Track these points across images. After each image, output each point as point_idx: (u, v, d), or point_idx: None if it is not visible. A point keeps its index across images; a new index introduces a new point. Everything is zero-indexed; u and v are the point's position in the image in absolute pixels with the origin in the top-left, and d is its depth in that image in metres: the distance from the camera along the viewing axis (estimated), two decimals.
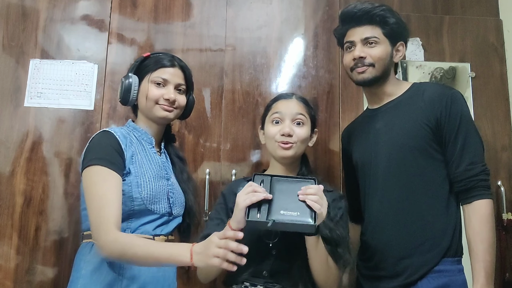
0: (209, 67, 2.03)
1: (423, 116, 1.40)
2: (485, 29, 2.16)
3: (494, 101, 2.09)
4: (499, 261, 1.93)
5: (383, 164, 1.45)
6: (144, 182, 1.34)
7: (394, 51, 1.50)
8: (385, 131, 1.47)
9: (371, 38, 1.46)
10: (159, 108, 1.41)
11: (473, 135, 1.38)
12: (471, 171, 1.34)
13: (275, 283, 1.37)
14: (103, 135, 1.37)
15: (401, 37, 1.51)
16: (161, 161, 1.46)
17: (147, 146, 1.44)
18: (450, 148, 1.38)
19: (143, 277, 1.30)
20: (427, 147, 1.39)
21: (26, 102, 1.92)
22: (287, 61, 2.07)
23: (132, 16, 2.05)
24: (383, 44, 1.47)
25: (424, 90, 1.46)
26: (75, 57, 1.98)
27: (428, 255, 1.34)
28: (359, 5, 1.48)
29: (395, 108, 1.49)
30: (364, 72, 1.47)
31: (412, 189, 1.39)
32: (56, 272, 1.78)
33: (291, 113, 1.46)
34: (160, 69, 1.43)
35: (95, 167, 1.28)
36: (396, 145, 1.43)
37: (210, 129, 1.98)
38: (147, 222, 1.34)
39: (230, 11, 2.09)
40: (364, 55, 1.46)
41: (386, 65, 1.48)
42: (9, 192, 1.83)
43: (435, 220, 1.36)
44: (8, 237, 1.79)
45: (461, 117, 1.38)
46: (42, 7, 2.00)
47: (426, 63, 2.11)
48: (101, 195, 1.25)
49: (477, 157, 1.35)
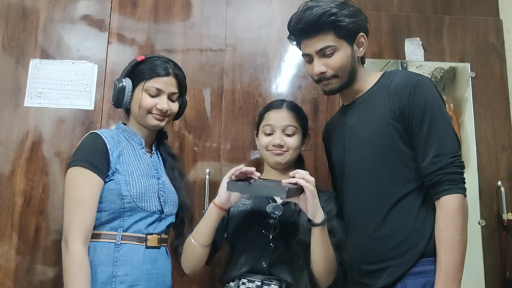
0: (209, 67, 2.03)
1: (389, 110, 1.30)
2: (485, 29, 2.16)
3: (494, 101, 2.09)
4: (499, 261, 1.93)
5: (354, 165, 1.39)
6: (133, 181, 1.36)
7: (356, 46, 1.38)
8: (357, 129, 1.40)
9: (326, 48, 1.34)
10: (151, 117, 1.43)
11: (438, 124, 1.24)
12: (436, 164, 1.22)
13: (272, 278, 1.38)
14: (89, 137, 1.39)
15: (360, 29, 1.37)
16: (151, 161, 1.46)
17: (137, 146, 1.46)
18: (417, 141, 1.27)
19: (136, 274, 1.31)
20: (396, 143, 1.30)
21: (26, 102, 1.92)
22: (287, 61, 2.07)
23: (132, 16, 2.05)
24: (341, 49, 1.35)
25: (392, 79, 1.35)
26: (75, 57, 1.98)
27: (405, 257, 1.26)
28: (304, 16, 1.33)
29: (365, 103, 1.40)
30: (330, 84, 1.39)
31: (384, 189, 1.31)
32: (56, 271, 1.78)
33: (281, 125, 1.51)
34: (154, 78, 1.42)
35: (75, 168, 1.32)
36: (366, 144, 1.35)
37: (210, 129, 1.98)
38: (138, 219, 1.36)
39: (230, 11, 2.10)
40: (324, 69, 1.36)
41: (350, 68, 1.37)
42: (9, 192, 1.83)
43: (410, 221, 1.27)
44: (8, 237, 1.79)
45: (424, 105, 1.25)
46: (42, 7, 2.00)
47: (426, 63, 2.11)
48: (77, 200, 1.29)
49: (443, 148, 1.22)
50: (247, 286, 1.40)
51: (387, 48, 2.12)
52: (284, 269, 1.38)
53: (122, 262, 1.30)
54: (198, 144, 1.96)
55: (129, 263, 1.31)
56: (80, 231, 1.27)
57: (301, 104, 2.01)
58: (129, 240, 1.33)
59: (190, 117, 1.97)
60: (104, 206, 1.33)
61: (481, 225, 1.95)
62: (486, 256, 1.93)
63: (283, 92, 2.04)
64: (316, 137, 2.00)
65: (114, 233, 1.32)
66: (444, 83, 2.10)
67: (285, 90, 2.05)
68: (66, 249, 1.27)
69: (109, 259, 1.30)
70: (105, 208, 1.33)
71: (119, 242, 1.31)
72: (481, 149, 2.04)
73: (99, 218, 1.33)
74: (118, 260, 1.30)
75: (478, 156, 2.02)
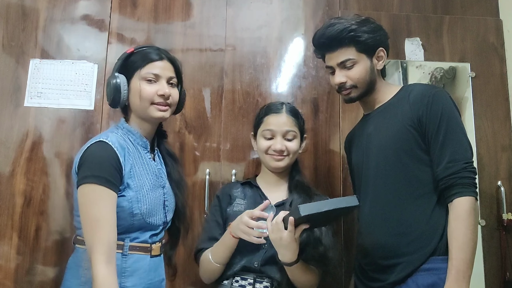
0: (209, 67, 2.03)
1: (408, 117, 1.40)
2: (485, 29, 2.16)
3: (494, 101, 2.09)
4: (499, 261, 1.93)
5: (372, 168, 1.47)
6: (143, 197, 1.32)
7: (375, 59, 1.49)
8: (375, 135, 1.49)
9: (346, 61, 1.46)
10: (154, 109, 1.36)
11: (454, 132, 1.35)
12: (450, 168, 1.31)
13: (264, 276, 1.44)
14: (100, 147, 1.29)
15: (379, 44, 1.49)
16: (157, 168, 1.43)
17: (143, 151, 1.40)
18: (432, 147, 1.36)
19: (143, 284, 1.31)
20: (413, 148, 1.39)
21: (26, 102, 1.92)
22: (287, 61, 2.07)
23: (132, 16, 2.04)
24: (361, 62, 1.46)
25: (410, 92, 1.45)
26: (75, 57, 1.98)
27: (417, 254, 1.34)
28: (327, 32, 1.47)
29: (384, 112, 1.50)
30: (349, 94, 1.50)
31: (399, 190, 1.40)
32: (57, 272, 1.78)
33: (281, 130, 1.55)
34: (149, 64, 1.36)
35: (91, 185, 1.23)
36: (383, 148, 1.44)
37: (210, 129, 1.98)
38: (144, 231, 1.34)
39: (230, 11, 2.09)
40: (344, 80, 1.47)
41: (369, 80, 1.48)
42: (9, 192, 1.83)
43: (422, 220, 1.36)
44: (8, 237, 1.79)
45: (441, 115, 1.35)
46: (42, 7, 2.00)
47: (426, 63, 2.11)
48: (96, 217, 1.22)
49: (458, 154, 1.32)
50: (240, 284, 1.45)
51: None
52: (274, 268, 1.44)
53: (130, 273, 1.29)
54: (198, 144, 1.96)
55: (136, 274, 1.30)
56: (102, 250, 1.20)
57: (301, 104, 2.02)
58: (136, 250, 1.31)
59: (190, 117, 1.97)
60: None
61: (481, 225, 1.95)
62: (486, 256, 1.93)
63: (283, 92, 2.04)
64: (316, 137, 2.00)
65: (121, 243, 1.29)
66: (444, 83, 2.10)
67: (285, 90, 2.05)
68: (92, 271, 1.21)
69: (118, 270, 1.25)
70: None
71: (126, 252, 1.29)
72: (481, 149, 2.04)
73: None
74: (126, 271, 1.28)
75: (478, 156, 2.02)
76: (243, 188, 1.63)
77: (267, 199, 1.50)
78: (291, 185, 1.58)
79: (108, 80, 1.37)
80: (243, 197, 1.57)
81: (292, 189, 1.56)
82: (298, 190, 1.55)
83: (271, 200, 1.51)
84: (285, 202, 1.53)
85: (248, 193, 1.60)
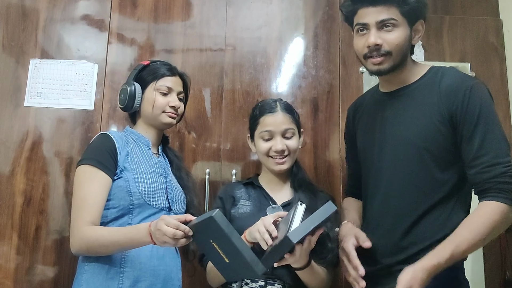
0: (209, 67, 2.03)
1: (437, 111, 1.25)
2: (485, 29, 2.16)
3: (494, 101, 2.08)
4: (499, 261, 1.93)
5: (387, 161, 1.33)
6: (141, 178, 1.40)
7: (413, 32, 1.32)
8: (393, 122, 1.34)
9: (388, 21, 1.26)
10: (165, 116, 1.49)
11: (493, 133, 1.21)
12: (489, 172, 1.18)
13: (276, 279, 1.38)
14: (99, 137, 1.46)
15: (421, 14, 1.32)
16: (158, 161, 1.51)
17: (144, 147, 1.50)
18: (467, 148, 1.23)
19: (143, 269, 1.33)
20: (439, 148, 1.26)
21: (26, 102, 1.92)
22: (287, 61, 2.07)
23: (132, 16, 2.05)
24: (401, 27, 1.28)
25: (441, 78, 1.29)
26: (75, 57, 1.98)
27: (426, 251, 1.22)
28: None
29: (408, 96, 1.33)
30: (381, 63, 1.29)
31: (418, 193, 1.27)
32: (57, 271, 1.78)
33: (280, 130, 1.51)
34: (164, 78, 1.51)
35: (83, 166, 1.37)
36: (404, 142, 1.30)
37: (210, 129, 1.98)
38: (147, 216, 1.37)
39: (230, 11, 2.09)
40: (381, 42, 1.27)
41: (404, 51, 1.31)
42: (9, 192, 1.83)
43: (438, 228, 1.24)
44: (8, 237, 1.79)
45: (479, 114, 1.21)
46: (42, 7, 2.00)
47: (426, 63, 2.11)
48: (82, 197, 1.33)
49: (497, 158, 1.19)
50: (250, 286, 1.39)
51: None
52: (285, 271, 1.37)
53: (130, 257, 1.32)
54: (198, 144, 1.96)
55: (136, 259, 1.33)
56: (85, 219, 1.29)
57: (301, 103, 2.02)
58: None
59: (190, 117, 1.97)
60: (113, 203, 1.36)
61: None
62: (486, 256, 1.93)
63: (283, 92, 2.04)
64: (316, 136, 2.00)
65: None
66: None
67: (285, 90, 2.05)
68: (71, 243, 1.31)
69: (117, 255, 1.32)
70: (114, 205, 1.36)
71: None
72: None
73: (109, 215, 1.36)
74: (126, 256, 1.32)
75: None
76: (246, 188, 1.58)
77: (272, 200, 1.49)
78: (295, 184, 1.54)
79: (124, 86, 1.50)
80: (247, 198, 1.53)
81: (296, 188, 1.53)
82: (303, 189, 1.51)
83: (276, 200, 1.49)
84: (291, 202, 1.48)
85: (252, 194, 1.55)
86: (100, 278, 1.29)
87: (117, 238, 1.27)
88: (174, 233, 1.14)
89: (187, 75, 1.61)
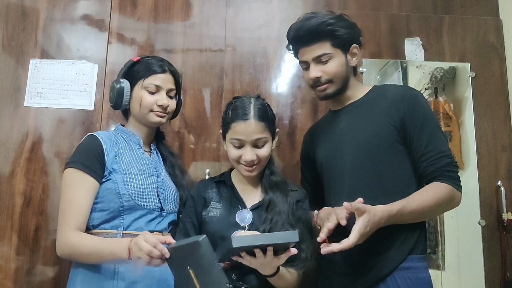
0: (209, 67, 2.03)
1: (387, 115, 1.41)
2: (485, 29, 2.16)
3: (494, 101, 2.09)
4: (499, 261, 1.93)
5: (348, 163, 1.43)
6: (130, 179, 1.38)
7: (349, 56, 1.49)
8: (349, 130, 1.47)
9: (322, 56, 1.45)
10: (153, 115, 1.46)
11: (437, 132, 1.39)
12: (437, 164, 1.34)
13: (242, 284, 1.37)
14: (86, 139, 1.43)
15: (353, 40, 1.49)
16: (149, 160, 1.48)
17: (134, 146, 1.48)
18: (416, 146, 1.38)
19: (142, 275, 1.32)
20: (392, 144, 1.39)
21: (26, 102, 1.92)
22: (287, 61, 2.07)
23: (132, 16, 2.05)
24: (336, 57, 1.46)
25: (386, 91, 1.46)
26: (75, 57, 1.98)
27: (395, 252, 1.32)
28: (304, 25, 1.45)
29: (359, 108, 1.49)
30: (325, 90, 1.48)
31: (379, 186, 1.37)
32: (56, 272, 1.78)
33: (251, 140, 1.43)
34: (152, 75, 1.46)
35: (70, 169, 1.36)
36: (361, 143, 1.42)
37: (210, 129, 1.98)
38: (138, 217, 1.37)
39: (230, 11, 2.09)
40: (320, 74, 1.46)
41: (344, 75, 1.48)
42: (9, 192, 1.83)
43: None
44: (8, 238, 1.79)
45: (424, 116, 1.39)
46: (42, 7, 2.00)
47: (426, 63, 2.11)
48: (68, 201, 1.32)
49: (442, 152, 1.36)
50: None
51: (386, 48, 2.12)
52: (252, 278, 1.37)
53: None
54: (197, 144, 1.96)
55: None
56: (70, 224, 1.29)
57: (301, 104, 2.02)
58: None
59: (190, 117, 1.97)
60: (103, 205, 1.35)
61: (481, 225, 1.95)
62: (486, 256, 1.93)
63: (283, 92, 2.04)
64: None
65: (115, 232, 1.33)
66: (444, 83, 2.10)
67: (285, 90, 2.05)
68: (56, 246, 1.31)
69: None
70: (104, 208, 1.35)
71: None
72: (481, 149, 2.04)
73: (99, 218, 1.35)
74: None
75: (478, 156, 2.02)
76: (218, 188, 1.53)
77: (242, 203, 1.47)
78: (265, 185, 1.50)
79: (113, 84, 1.47)
80: (218, 199, 1.49)
81: (267, 190, 1.49)
82: (274, 190, 1.48)
83: (246, 203, 1.47)
84: (261, 205, 1.46)
85: (224, 193, 1.51)
86: (95, 279, 1.29)
87: (98, 249, 1.26)
88: (150, 250, 1.12)
89: (177, 71, 1.55)
